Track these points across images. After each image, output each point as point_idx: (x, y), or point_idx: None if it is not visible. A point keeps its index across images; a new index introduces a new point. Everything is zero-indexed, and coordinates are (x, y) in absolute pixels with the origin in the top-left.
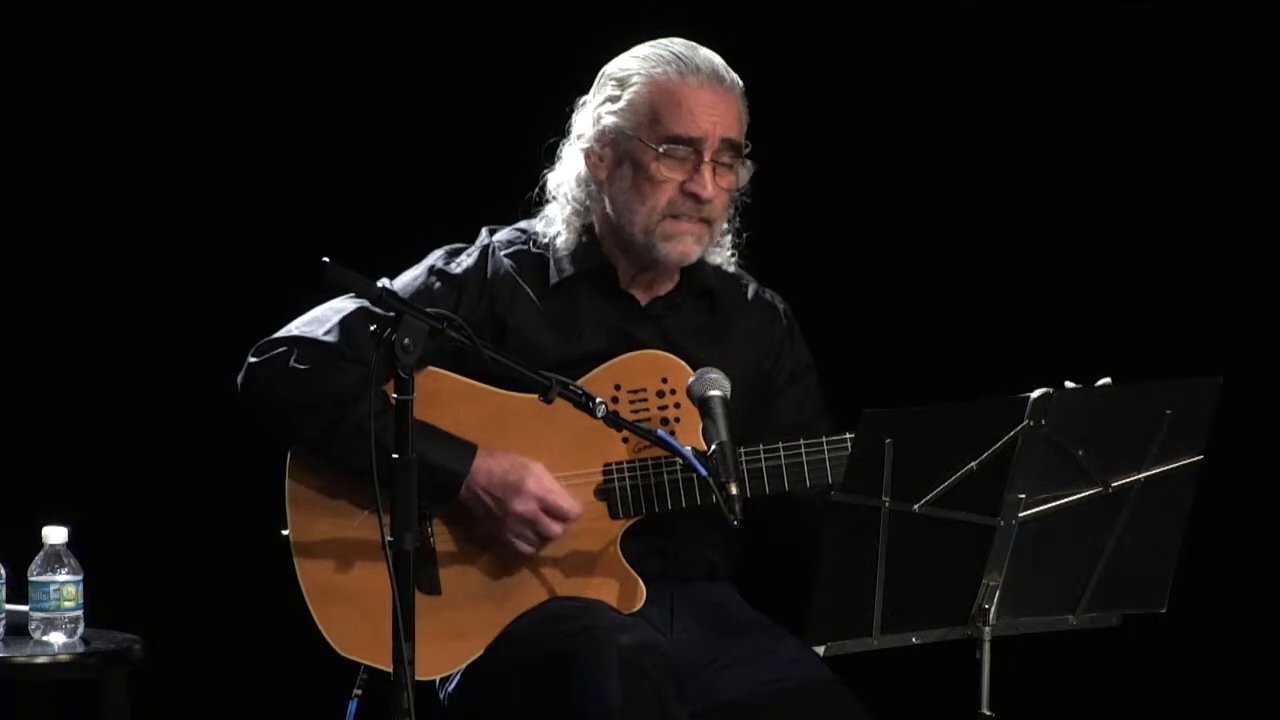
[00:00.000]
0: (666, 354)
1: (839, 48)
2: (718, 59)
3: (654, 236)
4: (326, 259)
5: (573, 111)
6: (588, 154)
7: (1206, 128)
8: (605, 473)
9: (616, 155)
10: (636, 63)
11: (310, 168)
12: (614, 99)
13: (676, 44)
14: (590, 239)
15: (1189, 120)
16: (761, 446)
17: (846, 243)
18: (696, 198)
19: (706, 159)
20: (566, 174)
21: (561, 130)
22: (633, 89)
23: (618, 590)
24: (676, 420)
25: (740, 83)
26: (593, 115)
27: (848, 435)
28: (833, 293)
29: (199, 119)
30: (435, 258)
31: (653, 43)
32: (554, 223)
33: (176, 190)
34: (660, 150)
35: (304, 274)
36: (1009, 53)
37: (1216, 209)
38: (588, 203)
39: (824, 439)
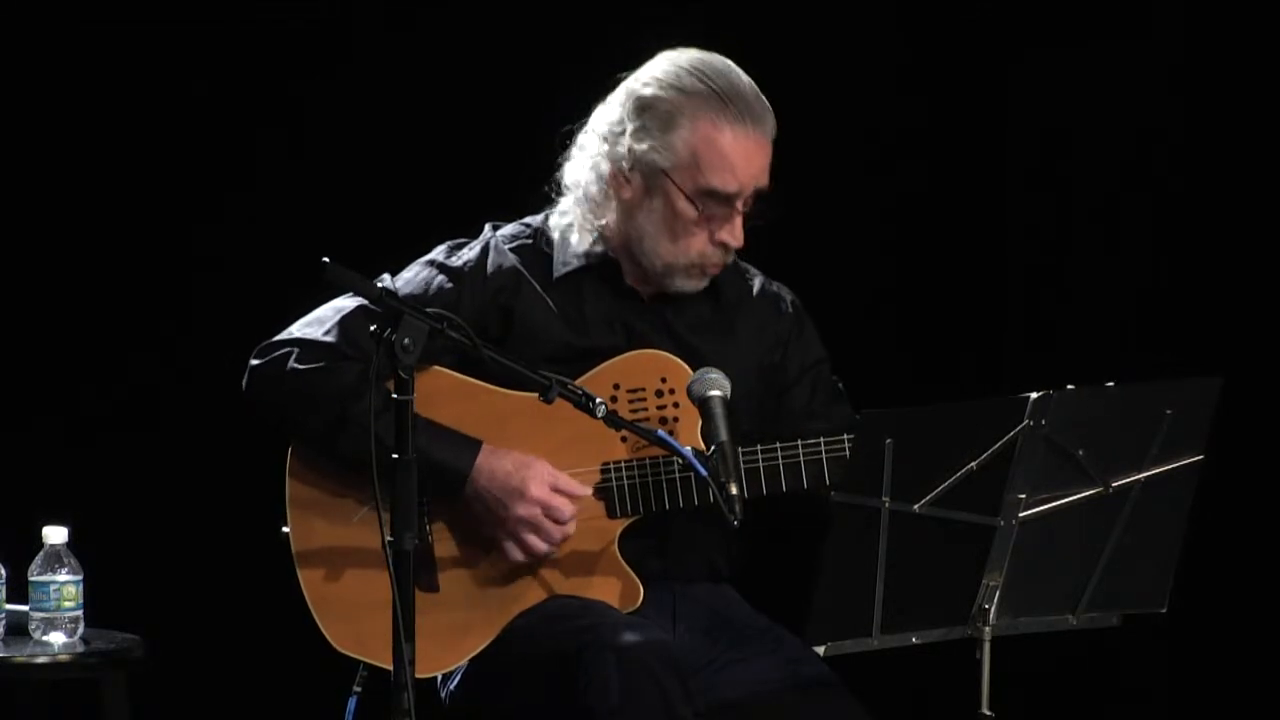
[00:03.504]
0: (666, 354)
1: (840, 46)
2: (753, 89)
3: (675, 272)
4: (326, 259)
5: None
6: (615, 174)
7: (1206, 128)
8: (604, 472)
9: (647, 185)
10: (678, 94)
11: (310, 170)
12: (650, 130)
13: (715, 71)
14: (600, 238)
15: (1189, 120)
16: (759, 447)
17: (846, 242)
18: (725, 246)
19: (739, 209)
20: (586, 173)
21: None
22: (676, 131)
23: (615, 590)
24: (675, 420)
25: (772, 113)
26: (624, 134)
27: (845, 437)
28: (833, 292)
29: (198, 121)
30: (437, 252)
31: (690, 64)
32: (568, 216)
33: (175, 193)
34: (697, 203)
35: (304, 275)
36: (1009, 53)
37: (1217, 209)
38: (604, 206)
39: (821, 440)
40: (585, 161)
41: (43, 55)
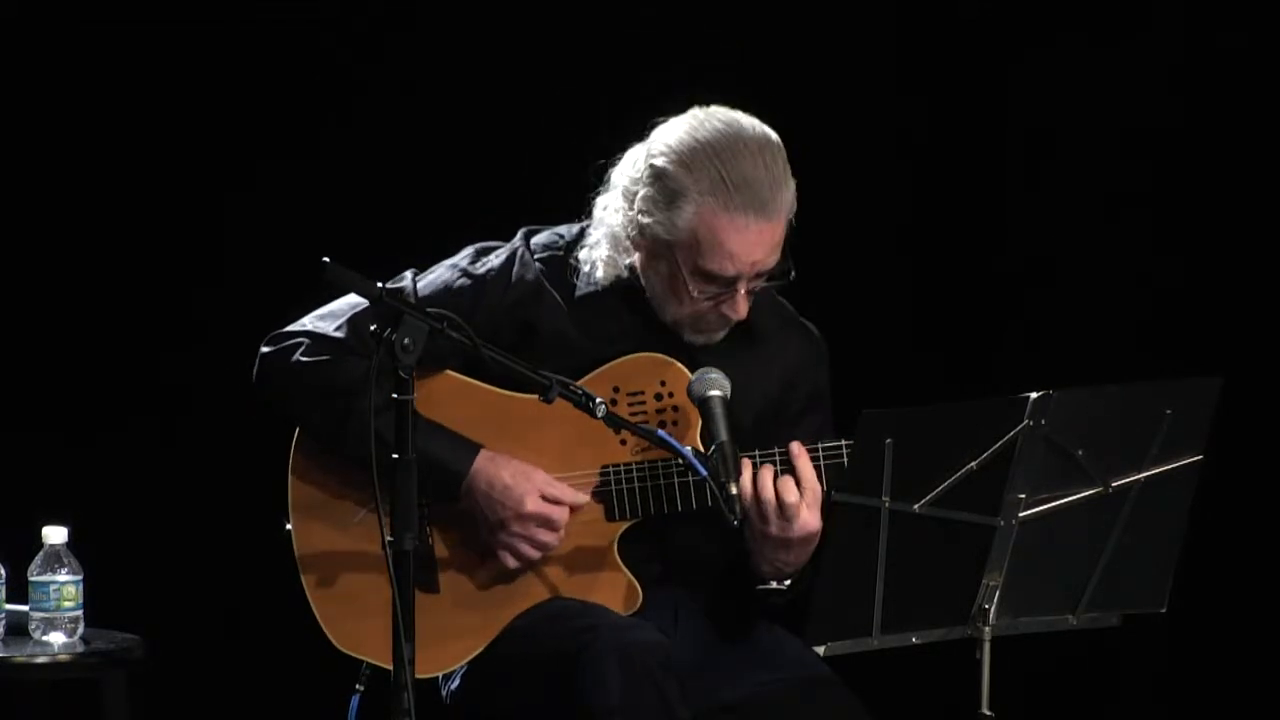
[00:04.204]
0: (665, 357)
1: (840, 46)
2: (769, 170)
3: (683, 326)
4: (326, 259)
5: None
6: (627, 235)
7: (1206, 128)
8: (602, 474)
9: (652, 251)
10: (685, 174)
11: (312, 172)
12: (657, 202)
13: (731, 150)
14: (626, 271)
15: (1189, 120)
16: (757, 452)
17: (846, 242)
18: (728, 317)
19: (741, 290)
20: (613, 215)
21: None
22: (679, 210)
23: (614, 592)
24: (674, 424)
25: (790, 193)
26: (636, 196)
27: (843, 442)
28: (832, 292)
29: (207, 122)
30: (463, 255)
31: (709, 138)
32: (597, 250)
33: (178, 194)
34: (695, 283)
35: (309, 278)
36: (1009, 52)
37: (1216, 209)
38: (627, 247)
39: (820, 445)
40: (612, 201)
41: (47, 57)
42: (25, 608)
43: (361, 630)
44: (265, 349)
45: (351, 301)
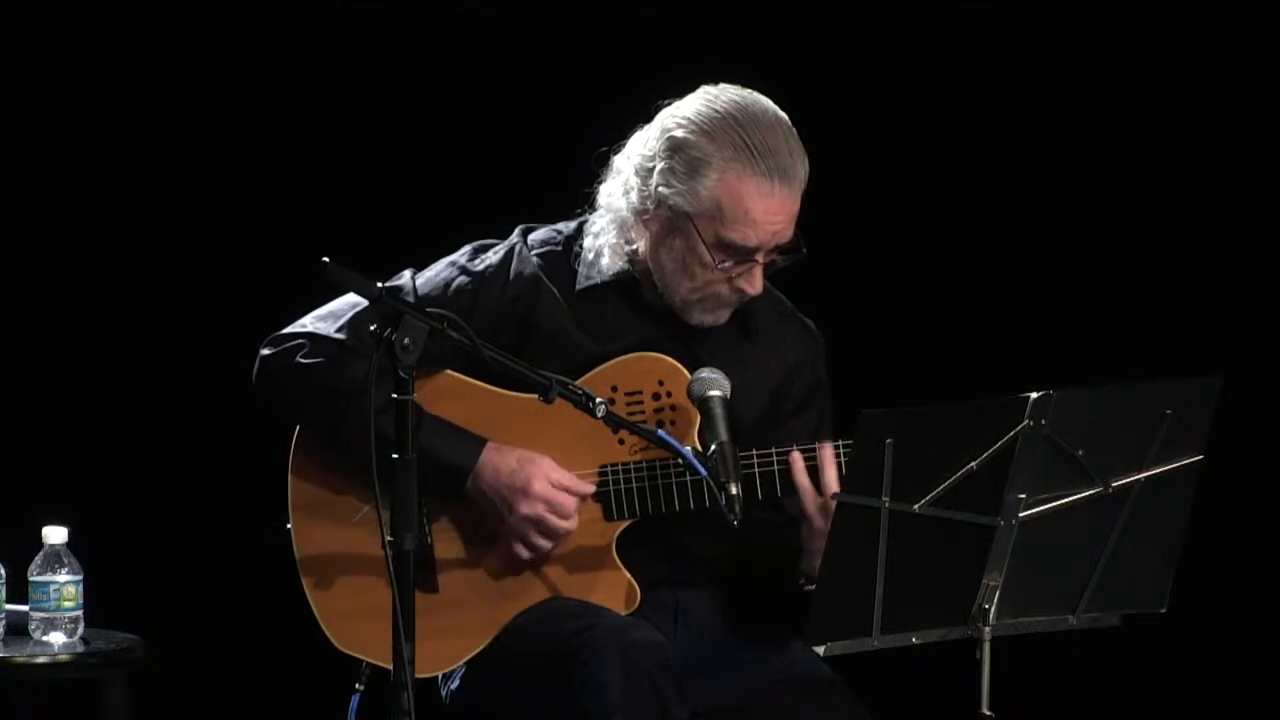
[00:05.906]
0: (664, 357)
1: (839, 44)
2: (787, 139)
3: (692, 306)
4: (326, 258)
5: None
6: (640, 211)
7: (1207, 127)
8: (601, 474)
9: (670, 224)
10: (708, 142)
11: (314, 173)
12: (677, 172)
13: (750, 120)
14: (629, 262)
15: (1189, 120)
16: (755, 451)
17: (846, 243)
18: (743, 291)
19: (760, 260)
20: (619, 198)
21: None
22: (702, 179)
23: (613, 592)
24: (671, 424)
25: (806, 167)
26: (654, 170)
27: (840, 443)
28: (831, 293)
29: (212, 123)
30: (461, 253)
31: (727, 109)
32: (602, 238)
33: (179, 194)
34: (716, 252)
35: (308, 278)
36: (1010, 52)
37: (1217, 209)
38: (635, 230)
39: (816, 445)
40: (619, 186)
41: (46, 58)
42: (25, 608)
43: (361, 630)
44: (265, 351)
45: (351, 301)
